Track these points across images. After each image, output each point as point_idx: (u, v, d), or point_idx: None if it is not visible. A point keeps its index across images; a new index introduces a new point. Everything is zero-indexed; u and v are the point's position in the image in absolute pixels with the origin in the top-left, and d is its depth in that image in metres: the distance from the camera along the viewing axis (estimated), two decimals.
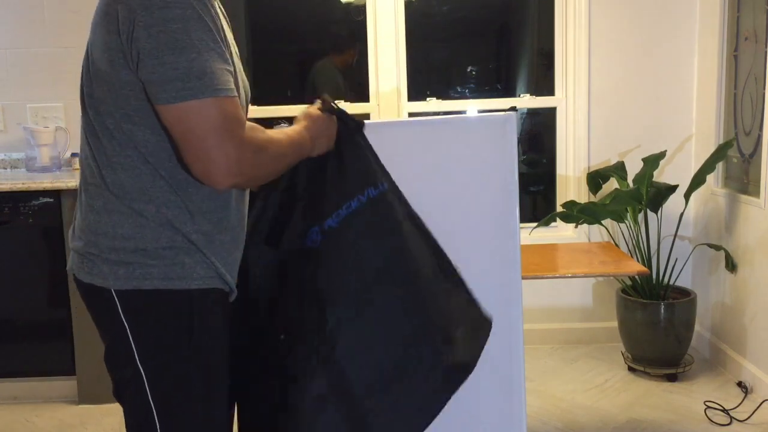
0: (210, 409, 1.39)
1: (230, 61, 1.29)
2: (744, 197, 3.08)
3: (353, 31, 3.79)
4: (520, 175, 1.96)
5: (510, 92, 4.16)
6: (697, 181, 3.15)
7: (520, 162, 2.12)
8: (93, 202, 1.34)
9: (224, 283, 1.38)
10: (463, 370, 1.62)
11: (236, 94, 1.28)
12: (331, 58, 4.04)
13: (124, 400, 1.39)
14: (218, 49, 1.25)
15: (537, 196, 4.24)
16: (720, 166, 3.28)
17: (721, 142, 3.25)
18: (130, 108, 1.28)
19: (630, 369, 3.29)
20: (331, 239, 1.51)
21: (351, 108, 3.64)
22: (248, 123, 1.32)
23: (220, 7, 1.32)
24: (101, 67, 1.28)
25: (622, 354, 3.36)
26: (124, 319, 1.32)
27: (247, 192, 1.48)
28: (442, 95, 3.77)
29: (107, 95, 1.29)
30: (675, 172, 3.54)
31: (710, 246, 3.24)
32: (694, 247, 3.50)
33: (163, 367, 1.34)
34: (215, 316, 1.38)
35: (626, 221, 3.29)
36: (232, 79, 1.27)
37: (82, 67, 1.36)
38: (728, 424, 2.75)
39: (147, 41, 1.21)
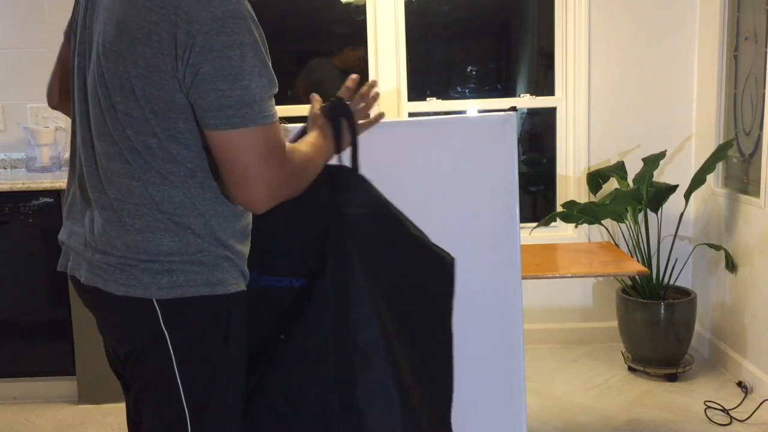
0: (236, 410, 1.40)
1: (276, 82, 1.29)
2: (744, 197, 3.08)
3: (354, 32, 3.79)
4: (520, 175, 1.95)
5: (510, 92, 4.15)
6: (697, 181, 3.15)
7: (520, 162, 2.12)
8: (132, 221, 1.30)
9: (246, 280, 1.40)
10: None
11: (278, 118, 1.29)
12: (329, 57, 4.04)
13: (149, 406, 1.38)
14: (269, 75, 1.26)
15: (537, 196, 4.24)
16: (720, 166, 3.28)
17: (721, 142, 3.25)
18: (177, 130, 1.27)
19: (630, 369, 3.29)
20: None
21: None
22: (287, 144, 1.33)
23: None
24: (144, 87, 1.24)
25: (622, 354, 3.36)
26: (164, 328, 1.31)
27: None
28: (442, 95, 3.77)
29: (151, 116, 1.25)
30: (675, 172, 3.54)
31: (710, 246, 3.24)
32: (694, 247, 3.50)
33: (200, 372, 1.34)
34: (242, 318, 1.39)
35: (626, 221, 3.29)
36: (274, 104, 1.28)
37: (98, 80, 1.29)
38: (728, 424, 2.75)
39: (203, 66, 1.20)
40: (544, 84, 3.85)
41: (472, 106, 3.69)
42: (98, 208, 1.34)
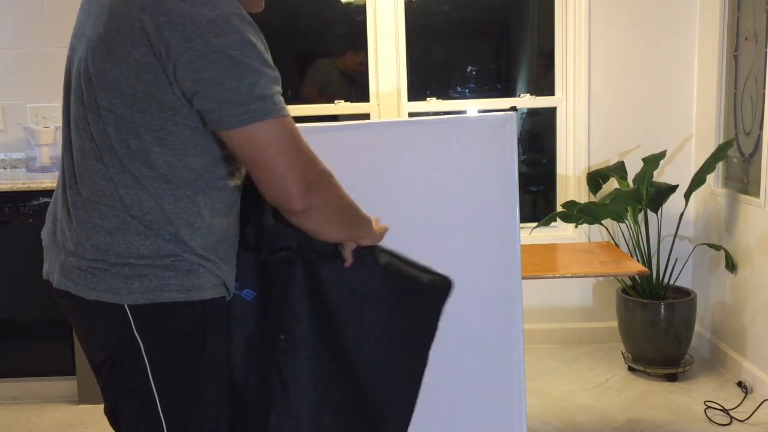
0: (217, 416, 1.37)
1: (280, 82, 1.27)
2: (744, 197, 3.08)
3: (354, 32, 3.79)
4: (520, 175, 1.96)
5: (510, 92, 4.15)
6: (697, 181, 3.15)
7: (520, 162, 2.12)
8: (102, 223, 1.27)
9: (227, 291, 1.37)
10: None
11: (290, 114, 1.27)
12: (332, 59, 4.05)
13: (125, 416, 1.34)
14: (272, 73, 1.24)
15: (537, 196, 4.24)
16: (720, 166, 3.28)
17: (721, 142, 3.25)
18: (164, 131, 1.24)
19: (630, 369, 3.29)
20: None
21: (351, 108, 3.65)
22: None
23: None
24: (135, 85, 1.22)
25: (622, 354, 3.36)
26: (137, 335, 1.27)
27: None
28: (442, 95, 3.77)
29: (138, 115, 1.23)
30: (675, 172, 3.54)
31: (710, 246, 3.24)
32: (694, 247, 3.50)
33: (176, 380, 1.31)
34: (221, 324, 1.36)
35: (626, 221, 3.29)
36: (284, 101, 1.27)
37: (83, 75, 1.27)
38: (728, 424, 2.75)
39: (206, 70, 1.18)
40: (544, 84, 3.85)
41: (472, 106, 3.69)
42: (72, 207, 1.31)
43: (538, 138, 4.16)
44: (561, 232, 3.66)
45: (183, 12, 1.18)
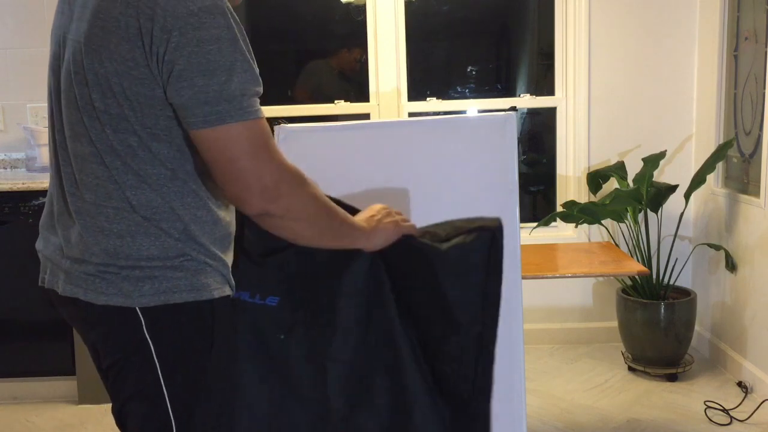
0: (224, 416, 1.38)
1: (260, 81, 1.25)
2: (744, 197, 3.08)
3: (354, 32, 3.79)
4: (520, 175, 1.96)
5: (510, 92, 4.16)
6: (697, 181, 3.15)
7: (520, 162, 2.12)
8: (111, 226, 1.26)
9: (231, 288, 1.36)
10: None
11: (264, 116, 1.25)
12: (326, 59, 4.05)
13: (133, 418, 1.34)
14: (251, 71, 1.22)
15: (537, 196, 4.24)
16: (720, 166, 3.28)
17: (721, 142, 3.25)
18: (158, 127, 1.23)
19: (630, 369, 3.29)
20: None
21: (351, 108, 3.65)
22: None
23: None
24: (123, 83, 1.21)
25: (622, 354, 3.36)
26: (148, 337, 1.27)
27: None
28: (442, 95, 3.77)
29: (131, 113, 1.22)
30: (675, 172, 3.54)
31: (710, 246, 3.24)
32: (694, 247, 3.50)
33: (186, 381, 1.31)
34: (227, 323, 1.36)
35: (626, 221, 3.29)
36: (259, 102, 1.25)
37: (74, 78, 1.25)
38: (728, 424, 2.75)
39: (178, 62, 1.17)
40: (544, 84, 3.85)
41: (472, 106, 3.69)
42: (75, 213, 1.29)
43: (538, 138, 4.17)
44: (561, 232, 3.66)
45: (166, 5, 1.18)
